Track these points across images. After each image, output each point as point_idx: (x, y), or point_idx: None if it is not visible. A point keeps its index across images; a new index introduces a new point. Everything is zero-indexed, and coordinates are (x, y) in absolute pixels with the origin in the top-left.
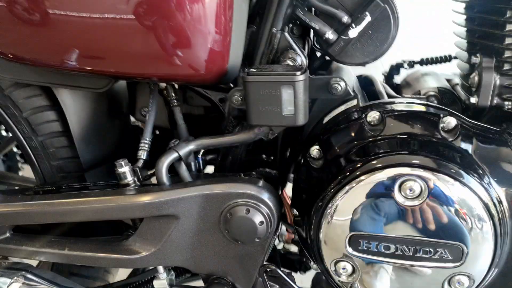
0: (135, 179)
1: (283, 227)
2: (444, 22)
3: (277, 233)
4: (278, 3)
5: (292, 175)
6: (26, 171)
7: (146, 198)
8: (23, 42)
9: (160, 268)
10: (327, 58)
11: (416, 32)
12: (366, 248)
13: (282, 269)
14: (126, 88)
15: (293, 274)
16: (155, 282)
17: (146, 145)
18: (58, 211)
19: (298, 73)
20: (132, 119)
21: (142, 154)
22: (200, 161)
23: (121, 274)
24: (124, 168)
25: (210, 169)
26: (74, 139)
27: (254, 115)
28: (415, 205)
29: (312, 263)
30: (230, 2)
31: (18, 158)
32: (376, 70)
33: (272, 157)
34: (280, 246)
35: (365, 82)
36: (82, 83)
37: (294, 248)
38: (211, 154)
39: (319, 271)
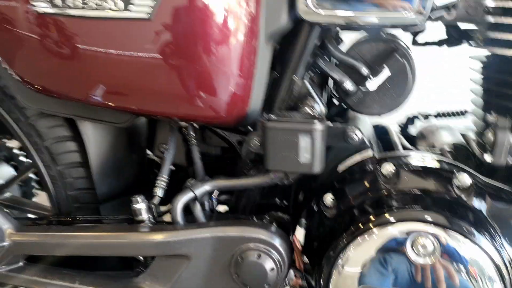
0: (150, 216)
1: (291, 271)
2: (461, 77)
3: (286, 280)
4: (301, 52)
5: (303, 220)
6: (40, 197)
7: (160, 237)
8: (50, 75)
9: None
10: (344, 106)
11: (432, 85)
12: None
13: None
14: (146, 124)
15: None
16: None
17: (163, 183)
18: (72, 244)
19: (317, 122)
20: (148, 152)
21: (159, 192)
22: (214, 201)
23: None
24: (140, 205)
25: (222, 207)
26: (91, 171)
27: (271, 160)
28: (426, 263)
29: None
30: (254, 48)
31: (34, 184)
32: (392, 120)
33: (285, 202)
34: None
35: (381, 132)
36: (104, 117)
37: None
38: (225, 194)
39: None
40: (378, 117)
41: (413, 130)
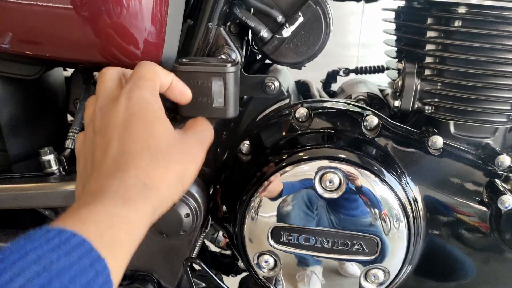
0: (61, 168)
1: (220, 233)
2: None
3: (205, 230)
4: None
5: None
6: None
7: (69, 187)
8: None
9: None
10: (266, 61)
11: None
12: (287, 241)
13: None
14: (63, 84)
15: (225, 277)
16: None
17: (75, 135)
18: None
19: (229, 65)
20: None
21: (70, 144)
22: None
23: None
24: (49, 156)
25: None
26: (2, 130)
27: (185, 106)
28: (333, 197)
29: (240, 262)
30: None
31: None
32: (315, 78)
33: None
34: (217, 251)
35: (302, 87)
36: (12, 69)
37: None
38: None
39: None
40: (299, 71)
41: (335, 86)
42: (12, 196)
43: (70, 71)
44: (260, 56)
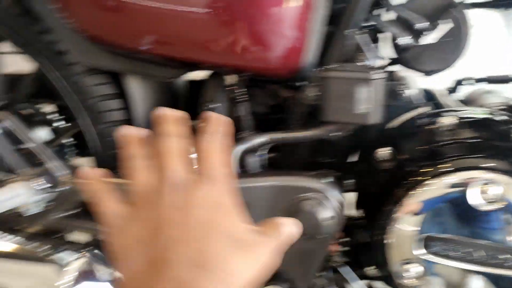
0: None
1: None
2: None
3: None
4: (356, 6)
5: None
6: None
7: None
8: (109, 24)
9: None
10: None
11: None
12: (437, 251)
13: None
14: (187, 86)
15: None
16: None
17: None
18: None
19: (375, 72)
20: None
21: None
22: (264, 158)
23: None
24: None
25: None
26: (134, 124)
27: (329, 111)
28: (490, 209)
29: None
30: (309, 3)
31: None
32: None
33: (331, 160)
34: None
35: (427, 96)
36: (153, 71)
37: None
38: (272, 153)
39: None
40: (427, 77)
41: (460, 95)
42: None
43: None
44: (390, 62)
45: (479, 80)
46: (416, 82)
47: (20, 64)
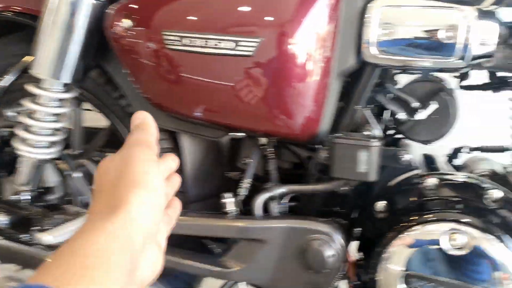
0: (237, 208)
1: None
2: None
3: (342, 273)
4: (363, 87)
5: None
6: None
7: (244, 223)
8: (171, 96)
9: (244, 285)
10: (398, 137)
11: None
12: (416, 287)
13: None
14: (228, 143)
15: None
16: None
17: (247, 184)
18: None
19: (373, 140)
20: None
21: (244, 191)
22: (284, 206)
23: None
24: (229, 199)
25: None
26: (185, 177)
27: (336, 169)
28: (458, 254)
29: None
30: (326, 83)
31: None
32: (440, 152)
33: (342, 209)
34: None
35: (428, 160)
36: (203, 131)
37: None
38: (293, 202)
39: None
40: (427, 145)
41: (458, 161)
42: (201, 226)
43: None
44: (393, 132)
45: (473, 149)
46: (418, 149)
47: (95, 119)
